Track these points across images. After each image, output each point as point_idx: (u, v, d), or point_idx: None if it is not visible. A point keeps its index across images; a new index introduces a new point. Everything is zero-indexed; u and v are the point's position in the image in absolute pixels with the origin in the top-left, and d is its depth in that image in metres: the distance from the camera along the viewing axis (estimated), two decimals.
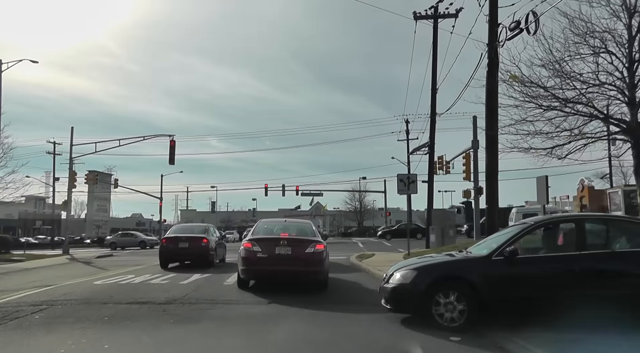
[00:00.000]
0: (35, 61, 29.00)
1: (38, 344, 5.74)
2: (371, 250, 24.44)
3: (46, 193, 71.52)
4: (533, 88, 14.54)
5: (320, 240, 10.17)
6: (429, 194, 26.43)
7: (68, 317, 7.19)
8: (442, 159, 26.37)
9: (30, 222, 67.63)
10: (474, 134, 19.18)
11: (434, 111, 25.74)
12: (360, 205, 75.47)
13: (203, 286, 10.66)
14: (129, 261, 21.39)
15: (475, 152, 19.23)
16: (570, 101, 14.32)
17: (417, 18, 25.09)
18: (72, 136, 31.15)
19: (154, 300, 8.68)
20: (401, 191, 17.42)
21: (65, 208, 33.85)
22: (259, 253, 9.65)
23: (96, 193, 61.04)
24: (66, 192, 33.15)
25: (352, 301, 8.88)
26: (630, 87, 13.66)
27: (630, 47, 13.51)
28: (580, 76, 14.04)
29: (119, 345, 5.70)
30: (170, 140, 29.64)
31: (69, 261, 22.91)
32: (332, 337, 6.05)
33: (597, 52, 13.79)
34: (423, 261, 7.42)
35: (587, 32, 13.65)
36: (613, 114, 14.58)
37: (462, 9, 23.90)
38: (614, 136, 15.03)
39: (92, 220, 66.08)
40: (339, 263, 16.87)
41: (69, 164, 31.69)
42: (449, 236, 23.37)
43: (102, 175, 54.95)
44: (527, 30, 10.81)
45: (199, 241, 16.12)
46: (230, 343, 5.80)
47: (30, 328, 6.50)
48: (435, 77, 25.53)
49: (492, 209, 13.62)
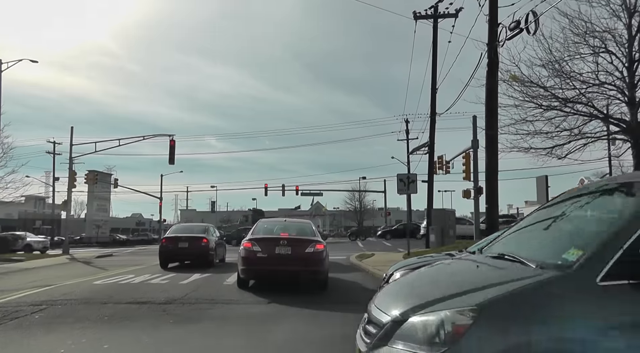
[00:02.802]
0: (35, 61, 29.12)
1: (38, 344, 5.73)
2: (371, 249, 24.44)
3: (46, 192, 71.56)
4: (533, 88, 14.57)
5: (320, 240, 10.19)
6: (428, 194, 26.44)
7: (68, 317, 7.19)
8: (442, 159, 26.35)
9: (30, 222, 67.52)
10: (474, 133, 19.18)
11: (433, 110, 25.76)
12: (360, 205, 75.43)
13: (203, 286, 10.66)
14: (129, 261, 21.40)
15: (475, 152, 19.22)
16: (570, 100, 14.34)
17: (417, 18, 25.11)
18: (72, 136, 31.15)
19: (154, 299, 8.67)
20: (401, 191, 17.43)
21: (65, 207, 33.82)
22: (259, 253, 9.67)
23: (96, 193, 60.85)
24: (66, 192, 33.14)
25: (352, 301, 8.86)
26: (630, 86, 13.68)
27: (630, 47, 13.52)
28: (580, 76, 14.06)
29: (119, 345, 5.70)
30: (170, 140, 29.62)
31: (69, 261, 22.90)
32: (332, 337, 6.04)
33: (597, 52, 13.81)
34: (423, 261, 7.40)
35: (587, 32, 13.67)
36: (613, 114, 14.60)
37: (462, 9, 23.93)
38: (613, 135, 15.05)
39: (92, 220, 65.93)
40: (339, 263, 16.89)
41: (68, 164, 31.67)
42: (448, 236, 23.40)
43: (102, 175, 54.85)
44: (527, 30, 10.81)
45: (198, 241, 16.13)
46: (230, 343, 5.80)
47: (30, 328, 6.50)
48: (435, 77, 25.55)
49: (492, 209, 13.61)
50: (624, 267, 2.46)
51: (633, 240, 2.50)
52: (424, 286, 3.21)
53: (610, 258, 2.49)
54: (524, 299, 2.53)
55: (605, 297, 2.45)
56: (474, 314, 2.50)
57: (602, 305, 2.45)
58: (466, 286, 2.81)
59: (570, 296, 2.49)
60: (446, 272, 3.58)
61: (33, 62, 28.78)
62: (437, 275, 3.55)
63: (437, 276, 3.51)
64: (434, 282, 3.29)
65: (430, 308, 2.68)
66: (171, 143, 29.53)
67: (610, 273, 2.47)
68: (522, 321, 2.48)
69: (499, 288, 2.62)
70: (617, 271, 2.46)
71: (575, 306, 2.46)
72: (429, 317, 2.64)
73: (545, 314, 2.46)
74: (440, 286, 3.01)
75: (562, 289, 2.53)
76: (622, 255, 2.49)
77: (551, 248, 2.79)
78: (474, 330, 2.46)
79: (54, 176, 51.81)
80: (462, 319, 2.51)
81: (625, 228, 2.59)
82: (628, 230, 2.56)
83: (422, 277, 3.53)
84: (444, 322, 2.56)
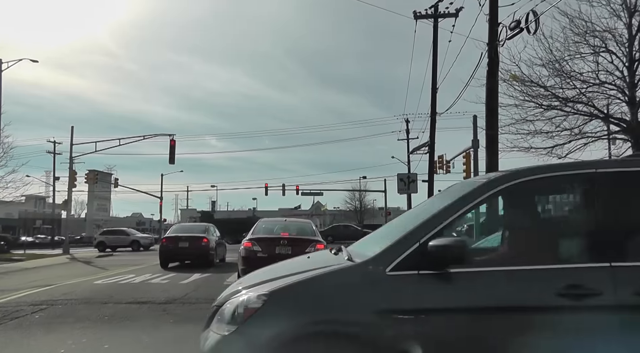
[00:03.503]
0: (35, 61, 29.11)
1: (38, 344, 5.74)
2: None
3: (46, 192, 71.56)
4: (533, 87, 14.57)
5: (321, 240, 10.19)
6: (429, 193, 26.34)
7: (68, 317, 7.19)
8: (443, 159, 26.36)
9: (30, 221, 67.60)
10: (474, 133, 19.20)
11: (434, 110, 25.71)
12: (360, 205, 75.48)
13: (203, 286, 10.66)
14: (129, 260, 21.40)
15: (475, 151, 19.24)
16: (571, 100, 14.34)
17: (417, 17, 25.09)
18: (72, 136, 31.22)
19: (154, 299, 8.68)
20: (401, 191, 17.45)
21: (66, 207, 33.86)
22: (259, 253, 9.68)
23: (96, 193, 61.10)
24: (66, 191, 33.21)
25: None
26: (631, 86, 13.67)
27: (631, 47, 13.52)
28: (581, 75, 14.06)
29: (119, 345, 5.70)
30: (170, 140, 29.65)
31: (69, 260, 22.92)
32: None
33: (597, 52, 13.81)
34: None
35: (587, 32, 13.67)
36: (613, 114, 14.59)
37: (462, 9, 23.90)
38: (614, 135, 15.05)
39: (92, 220, 66.14)
40: None
41: (69, 164, 31.69)
42: None
43: (102, 174, 54.97)
44: (527, 30, 10.79)
45: (199, 240, 16.13)
46: None
47: (30, 328, 6.50)
48: (435, 77, 25.50)
49: None
50: (415, 259, 2.76)
51: (429, 237, 2.81)
52: (266, 273, 3.42)
53: (403, 252, 2.80)
54: (313, 286, 2.86)
55: (393, 285, 2.74)
56: (265, 298, 2.82)
57: (389, 291, 2.75)
58: (284, 274, 3.10)
59: (358, 284, 2.80)
60: (293, 262, 3.86)
61: (33, 61, 28.80)
62: (286, 264, 3.77)
63: (284, 266, 3.72)
64: (274, 270, 3.48)
65: (239, 294, 3.01)
66: (171, 143, 29.55)
67: (401, 265, 2.77)
68: (306, 304, 2.80)
69: (299, 276, 2.93)
70: (408, 263, 2.77)
71: (361, 293, 2.77)
72: (233, 301, 2.96)
73: (331, 299, 2.79)
74: (273, 274, 3.23)
75: (352, 277, 2.85)
76: (416, 249, 2.79)
77: (381, 244, 3.03)
78: (259, 313, 2.78)
79: (54, 175, 51.75)
80: (255, 303, 2.82)
81: (424, 225, 2.92)
82: (426, 226, 2.90)
83: (278, 266, 3.75)
84: (239, 305, 2.88)
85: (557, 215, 3.45)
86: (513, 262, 2.97)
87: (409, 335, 2.66)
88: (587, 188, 3.13)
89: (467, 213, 3.00)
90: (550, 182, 3.14)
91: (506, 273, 2.83)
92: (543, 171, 3.14)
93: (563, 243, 3.12)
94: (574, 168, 3.22)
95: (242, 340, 2.78)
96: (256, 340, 2.73)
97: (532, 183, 3.08)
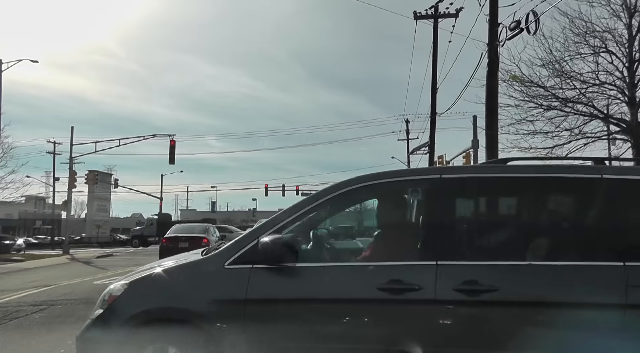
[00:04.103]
0: (35, 61, 29.09)
1: (38, 344, 5.74)
2: None
3: (46, 192, 71.49)
4: (533, 88, 14.57)
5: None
6: None
7: (68, 317, 7.19)
8: (442, 159, 26.37)
9: (30, 222, 67.62)
10: (474, 133, 19.22)
11: (434, 110, 25.73)
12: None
13: None
14: (130, 261, 21.38)
15: (475, 152, 19.25)
16: (570, 100, 14.33)
17: (417, 18, 25.11)
18: (72, 136, 31.21)
19: None
20: None
21: (66, 207, 33.90)
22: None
23: (96, 193, 60.82)
24: (66, 192, 33.21)
25: None
26: (630, 86, 13.67)
27: (631, 47, 13.52)
28: (580, 76, 14.06)
29: None
30: (170, 140, 29.67)
31: (69, 261, 22.92)
32: None
33: (597, 52, 13.81)
34: None
35: (587, 32, 13.68)
36: (613, 114, 14.59)
37: (462, 9, 23.91)
38: (614, 135, 15.05)
39: (92, 220, 65.94)
40: None
41: (69, 164, 31.71)
42: None
43: (102, 175, 54.89)
44: (527, 30, 10.80)
45: (199, 240, 16.13)
46: None
47: (31, 328, 6.50)
48: (435, 77, 25.52)
49: None
50: (252, 255, 3.11)
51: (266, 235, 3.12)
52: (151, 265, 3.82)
53: (242, 248, 3.18)
54: (163, 277, 3.27)
55: (228, 277, 3.13)
56: (125, 287, 3.28)
57: (223, 283, 3.14)
58: (155, 266, 3.57)
59: (198, 276, 3.22)
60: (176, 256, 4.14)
61: (33, 62, 28.77)
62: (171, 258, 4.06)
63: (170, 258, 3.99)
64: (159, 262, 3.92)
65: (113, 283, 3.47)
66: (171, 143, 29.56)
67: (238, 259, 3.14)
68: (154, 293, 3.23)
69: (158, 269, 3.36)
70: (245, 258, 3.13)
71: (200, 284, 3.18)
72: (106, 290, 3.42)
73: (176, 288, 3.20)
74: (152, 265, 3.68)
75: (195, 270, 3.29)
76: (253, 245, 3.13)
77: None
78: (118, 299, 3.23)
79: (54, 176, 51.78)
80: (118, 291, 3.28)
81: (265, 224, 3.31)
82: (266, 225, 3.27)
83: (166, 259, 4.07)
84: (106, 293, 3.35)
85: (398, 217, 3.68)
86: (345, 259, 3.61)
87: (238, 323, 2.99)
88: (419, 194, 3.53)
89: (307, 215, 3.29)
90: (388, 187, 3.46)
91: (334, 268, 3.24)
92: (379, 177, 3.41)
93: (395, 243, 3.38)
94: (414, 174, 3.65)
95: (101, 323, 3.20)
96: (112, 322, 3.16)
97: (371, 188, 3.42)
